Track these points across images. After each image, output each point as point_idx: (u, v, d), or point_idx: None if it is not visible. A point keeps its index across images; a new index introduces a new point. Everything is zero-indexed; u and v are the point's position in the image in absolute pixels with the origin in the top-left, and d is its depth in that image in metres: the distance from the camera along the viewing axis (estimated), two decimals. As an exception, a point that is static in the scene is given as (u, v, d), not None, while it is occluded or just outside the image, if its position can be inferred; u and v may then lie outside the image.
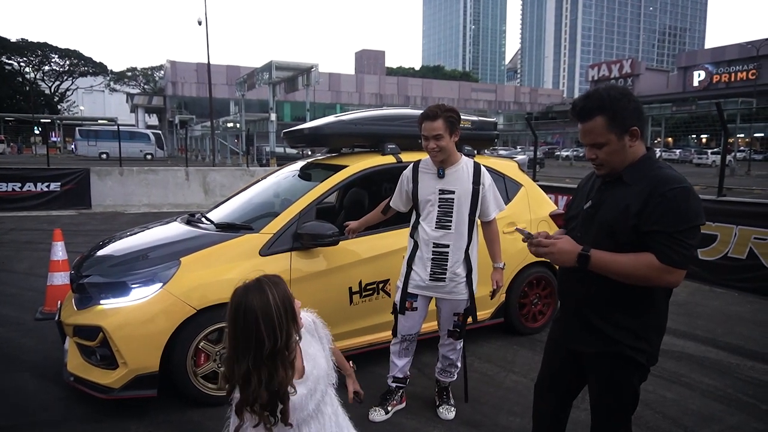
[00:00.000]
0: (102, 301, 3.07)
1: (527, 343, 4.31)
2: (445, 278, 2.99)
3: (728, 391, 3.51)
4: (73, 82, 62.45)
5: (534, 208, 4.52)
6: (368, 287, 3.63)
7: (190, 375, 3.10)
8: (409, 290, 3.07)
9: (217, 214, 4.04)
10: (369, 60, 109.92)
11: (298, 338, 1.66)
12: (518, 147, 38.01)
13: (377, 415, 3.13)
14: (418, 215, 3.07)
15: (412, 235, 3.12)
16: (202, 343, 3.12)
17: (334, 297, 3.52)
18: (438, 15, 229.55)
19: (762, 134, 34.95)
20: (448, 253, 2.97)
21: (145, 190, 12.97)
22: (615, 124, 1.80)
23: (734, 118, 28.27)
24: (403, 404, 3.28)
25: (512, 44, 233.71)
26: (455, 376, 3.30)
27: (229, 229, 3.55)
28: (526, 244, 1.97)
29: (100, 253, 3.61)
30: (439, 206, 2.96)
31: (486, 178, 3.01)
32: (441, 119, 2.84)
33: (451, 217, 2.95)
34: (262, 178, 4.65)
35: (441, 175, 2.96)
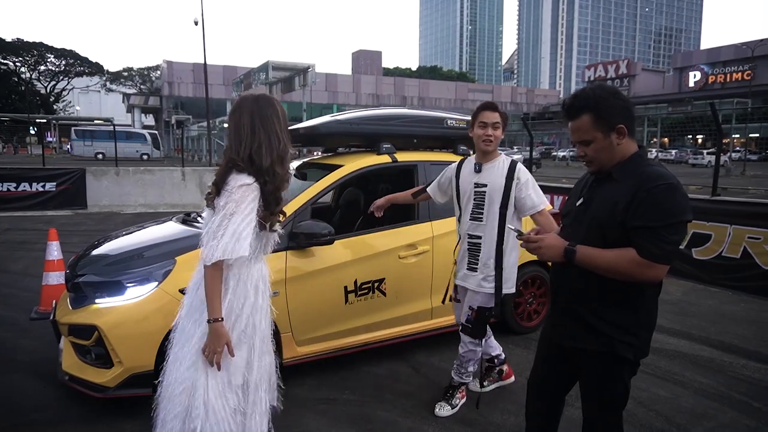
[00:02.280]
0: (97, 300, 3.07)
1: (522, 342, 4.33)
2: (477, 269, 3.09)
3: (721, 389, 3.53)
4: (69, 82, 62.17)
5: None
6: (363, 286, 3.64)
7: (186, 374, 3.10)
8: (456, 282, 3.25)
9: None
10: (366, 60, 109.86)
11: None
12: (515, 147, 38.01)
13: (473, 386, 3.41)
14: (460, 208, 3.22)
15: (458, 229, 3.28)
16: (197, 342, 3.12)
17: (330, 296, 3.53)
18: (435, 15, 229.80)
19: (757, 134, 35.07)
20: (480, 244, 3.09)
21: (141, 191, 12.95)
22: (600, 122, 1.85)
23: (730, 118, 28.36)
24: (509, 380, 3.56)
25: (509, 45, 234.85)
26: (466, 379, 3.29)
27: (225, 228, 3.55)
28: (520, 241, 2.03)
29: (96, 252, 3.60)
30: (474, 199, 3.11)
31: (522, 174, 3.08)
32: (499, 113, 3.08)
33: (483, 209, 3.08)
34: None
35: (477, 169, 3.12)
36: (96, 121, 48.35)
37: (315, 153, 4.65)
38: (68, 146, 40.29)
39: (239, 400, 2.05)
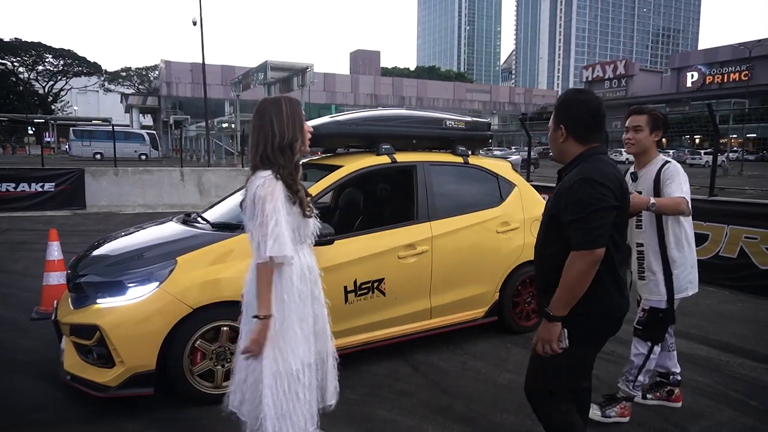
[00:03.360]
0: (98, 300, 3.10)
1: (521, 342, 4.35)
2: (645, 276, 3.08)
3: (718, 388, 3.56)
4: (67, 82, 62.12)
5: (527, 208, 4.56)
6: (363, 286, 3.66)
7: (187, 373, 3.13)
8: (639, 292, 3.16)
9: (213, 214, 4.06)
10: (364, 60, 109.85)
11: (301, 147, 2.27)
12: (513, 147, 38.05)
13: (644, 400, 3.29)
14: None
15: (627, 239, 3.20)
16: (198, 342, 3.14)
17: (329, 296, 3.50)
18: (433, 15, 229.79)
19: (755, 135, 35.16)
20: (644, 251, 3.08)
21: (140, 191, 12.95)
22: (554, 117, 2.20)
23: (727, 119, 28.40)
24: (675, 404, 3.28)
25: (507, 45, 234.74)
26: (634, 391, 3.11)
27: (226, 228, 3.58)
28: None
29: (96, 252, 3.62)
30: None
31: (667, 172, 2.98)
32: (646, 114, 3.02)
33: (642, 216, 3.06)
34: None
35: (634, 179, 3.14)
36: (94, 122, 48.28)
37: (318, 153, 4.67)
38: (66, 146, 40.22)
39: (295, 383, 2.20)
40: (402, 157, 4.08)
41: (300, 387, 2.20)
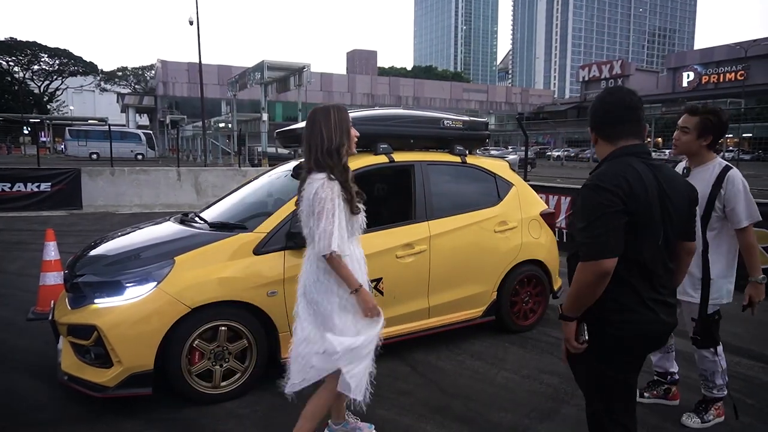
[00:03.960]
0: (96, 300, 3.09)
1: (518, 341, 4.36)
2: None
3: (714, 386, 3.57)
4: (62, 82, 61.88)
5: (525, 208, 4.57)
6: (361, 286, 3.65)
7: (185, 373, 3.13)
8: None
9: (211, 214, 4.06)
10: (361, 60, 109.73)
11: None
12: (509, 147, 38.13)
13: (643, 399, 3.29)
14: None
15: None
16: (196, 342, 3.14)
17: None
18: (430, 15, 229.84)
19: (750, 134, 35.29)
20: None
21: (137, 191, 12.92)
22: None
23: (723, 118, 28.36)
24: (673, 402, 3.31)
25: (503, 45, 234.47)
26: (718, 393, 3.10)
27: (223, 228, 3.58)
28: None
29: (94, 252, 3.62)
30: None
31: (732, 183, 2.84)
32: (698, 116, 2.86)
33: None
34: (255, 178, 4.67)
35: (686, 174, 2.98)
36: (90, 121, 48.11)
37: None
38: (62, 146, 40.10)
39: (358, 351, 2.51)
40: (400, 157, 4.09)
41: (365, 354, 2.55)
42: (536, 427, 3.09)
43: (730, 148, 32.75)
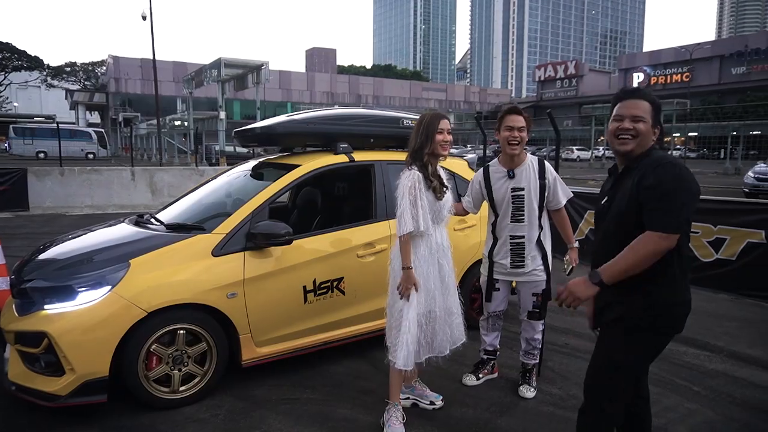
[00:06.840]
0: (46, 306, 2.97)
1: (477, 337, 4.42)
2: (523, 264, 3.37)
3: (663, 375, 3.74)
4: (5, 77, 58.95)
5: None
6: (322, 285, 3.65)
7: (142, 379, 3.05)
8: (495, 277, 3.49)
9: (167, 215, 3.97)
10: (320, 58, 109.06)
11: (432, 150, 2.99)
12: (468, 146, 38.68)
13: (469, 380, 3.62)
14: (496, 214, 3.44)
15: (492, 231, 3.50)
16: (153, 346, 3.07)
17: (289, 296, 3.53)
18: (389, 14, 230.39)
19: (696, 133, 36.98)
20: (524, 243, 3.36)
21: (88, 191, 12.45)
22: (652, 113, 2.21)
23: (671, 118, 29.70)
24: (495, 374, 3.71)
25: (462, 44, 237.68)
26: (537, 358, 3.56)
27: (180, 229, 3.50)
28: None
29: (43, 256, 3.48)
30: (513, 203, 3.33)
31: (550, 172, 3.36)
32: (523, 116, 3.33)
33: (524, 211, 3.32)
34: (213, 178, 4.59)
35: (511, 176, 3.34)
36: (37, 119, 46.11)
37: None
38: (6, 145, 38.29)
39: (426, 321, 3.01)
40: (360, 156, 4.09)
41: (417, 323, 2.94)
42: (496, 420, 3.16)
43: (678, 146, 34.22)
